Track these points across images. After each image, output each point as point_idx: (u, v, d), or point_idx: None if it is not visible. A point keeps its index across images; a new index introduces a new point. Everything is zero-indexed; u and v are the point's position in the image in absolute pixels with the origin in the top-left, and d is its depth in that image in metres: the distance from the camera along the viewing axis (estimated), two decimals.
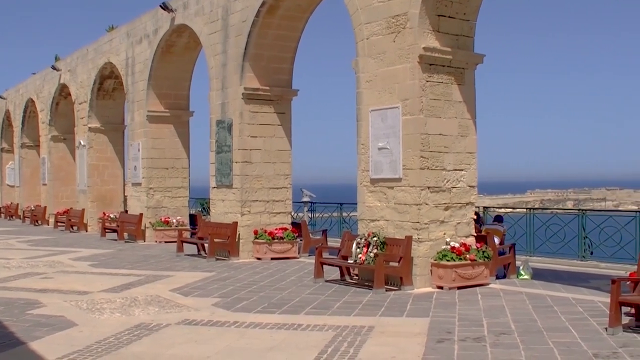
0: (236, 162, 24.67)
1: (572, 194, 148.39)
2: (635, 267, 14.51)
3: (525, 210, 24.95)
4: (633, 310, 13.04)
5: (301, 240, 25.50)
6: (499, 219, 21.33)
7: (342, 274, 19.21)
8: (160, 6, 29.35)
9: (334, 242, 24.78)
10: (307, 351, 11.28)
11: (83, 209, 39.70)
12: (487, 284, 17.95)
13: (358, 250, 18.15)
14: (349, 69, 19.76)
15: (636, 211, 22.84)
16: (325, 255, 20.54)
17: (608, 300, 12.77)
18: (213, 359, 11.00)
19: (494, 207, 29.88)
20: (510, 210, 28.36)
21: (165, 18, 29.92)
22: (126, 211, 35.67)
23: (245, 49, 24.31)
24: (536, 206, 78.52)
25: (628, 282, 13.25)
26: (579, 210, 24.43)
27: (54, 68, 44.00)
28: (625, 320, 12.91)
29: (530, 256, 22.55)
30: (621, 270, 18.52)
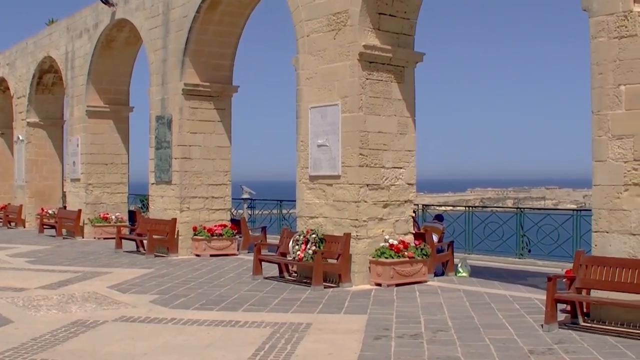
0: (175, 158, 24.54)
1: (512, 192, 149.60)
2: (572, 264, 14.65)
3: (464, 208, 25.10)
4: (568, 308, 13.17)
5: (240, 237, 25.43)
6: (439, 217, 21.44)
7: (280, 271, 19.20)
8: (101, 0, 29.07)
9: (273, 239, 24.73)
10: (244, 348, 11.24)
11: (21, 205, 39.24)
12: (425, 281, 18.04)
13: (297, 247, 18.16)
14: (290, 66, 19.75)
15: (573, 210, 23.08)
16: (264, 252, 20.55)
17: (544, 297, 12.91)
18: (150, 355, 10.93)
19: (434, 205, 30.06)
20: (451, 208, 28.47)
21: (105, 12, 29.64)
22: (65, 207, 35.25)
23: (186, 44, 24.19)
24: (476, 204, 79.06)
25: (564, 280, 13.38)
26: (517, 208, 24.65)
27: None
28: (561, 317, 13.08)
29: (469, 254, 22.70)
30: (558, 268, 18.69)
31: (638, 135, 12.59)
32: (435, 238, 19.43)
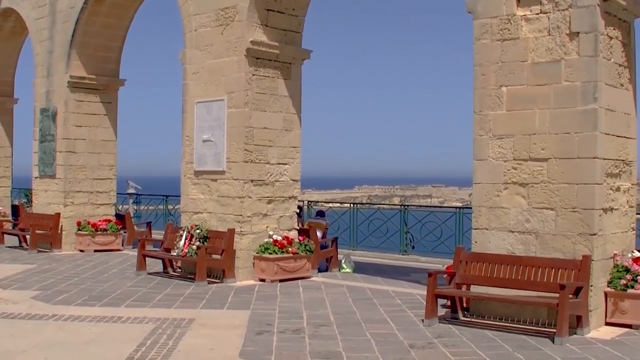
0: (60, 152, 24.16)
1: (399, 190, 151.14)
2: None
3: (349, 205, 25.31)
4: (449, 303, 13.45)
5: (125, 232, 25.20)
6: (321, 213, 21.58)
7: (165, 267, 19.13)
8: None
9: (158, 234, 24.57)
10: (125, 344, 11.17)
11: None
12: (309, 277, 18.18)
13: (181, 242, 18.09)
14: (178, 60, 19.65)
15: (457, 207, 23.47)
16: (148, 247, 20.38)
17: (426, 292, 13.11)
18: (29, 353, 10.76)
19: (322, 202, 30.19)
20: (339, 205, 28.63)
21: None
22: None
23: (73, 36, 23.82)
24: (364, 201, 79.62)
25: (445, 276, 13.64)
26: (401, 206, 24.97)
27: None
28: (442, 312, 13.38)
29: (353, 250, 22.94)
30: (440, 264, 18.97)
31: (518, 136, 12.92)
32: (319, 234, 19.56)
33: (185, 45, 19.32)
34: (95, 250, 23.63)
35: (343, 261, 19.72)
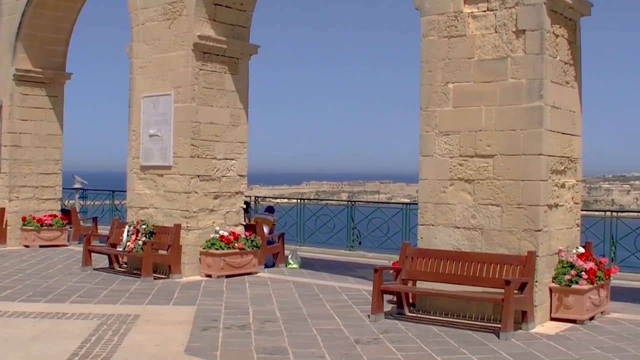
0: (5, 146, 23.85)
1: (347, 186, 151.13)
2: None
3: (296, 200, 25.31)
4: (395, 298, 13.48)
5: (71, 227, 25.00)
6: (270, 209, 21.57)
7: (111, 262, 18.97)
8: None
9: (105, 230, 24.37)
10: (70, 340, 11.06)
11: None
12: (256, 273, 18.14)
13: (127, 238, 17.98)
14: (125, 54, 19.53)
15: (403, 203, 23.55)
16: (94, 243, 20.27)
17: (372, 288, 13.14)
18: None
19: (269, 198, 30.20)
20: (286, 200, 28.66)
21: None
22: None
23: (19, 28, 23.51)
24: (312, 197, 79.83)
25: (391, 271, 13.67)
26: (348, 202, 25.02)
27: None
28: (388, 307, 13.42)
29: (300, 246, 22.95)
30: (387, 260, 19.04)
31: (464, 132, 13.00)
32: (266, 229, 19.55)
33: (132, 39, 19.18)
34: (40, 246, 23.39)
35: (290, 257, 19.73)
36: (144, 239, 17.63)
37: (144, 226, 17.81)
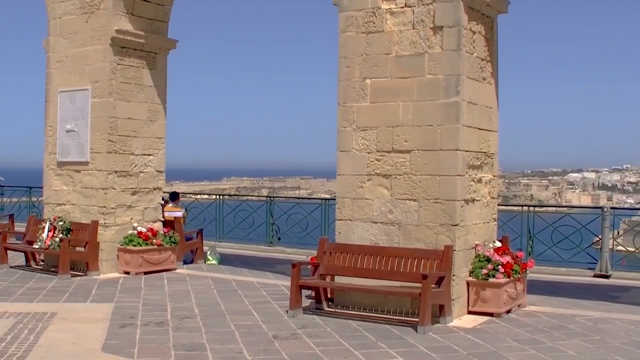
0: None
1: (268, 182, 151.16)
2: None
3: (215, 196, 25.22)
4: (313, 294, 13.52)
5: None
6: (174, 196, 21.04)
7: (27, 260, 18.74)
8: None
9: (22, 227, 24.00)
10: None
11: None
12: (175, 269, 18.09)
13: (43, 235, 17.75)
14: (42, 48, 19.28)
15: (322, 199, 23.63)
16: (11, 240, 19.95)
17: (290, 284, 13.16)
18: None
19: (190, 194, 30.02)
20: (206, 196, 28.52)
21: None
22: None
23: None
24: (232, 193, 79.64)
25: (310, 266, 13.69)
26: (267, 197, 25.03)
27: None
28: (307, 303, 13.48)
29: (219, 242, 22.91)
30: (306, 255, 19.03)
31: (382, 127, 13.09)
32: (179, 214, 19.55)
33: (49, 33, 18.92)
34: None
35: (209, 253, 19.71)
36: (60, 235, 17.43)
37: (60, 223, 17.60)
